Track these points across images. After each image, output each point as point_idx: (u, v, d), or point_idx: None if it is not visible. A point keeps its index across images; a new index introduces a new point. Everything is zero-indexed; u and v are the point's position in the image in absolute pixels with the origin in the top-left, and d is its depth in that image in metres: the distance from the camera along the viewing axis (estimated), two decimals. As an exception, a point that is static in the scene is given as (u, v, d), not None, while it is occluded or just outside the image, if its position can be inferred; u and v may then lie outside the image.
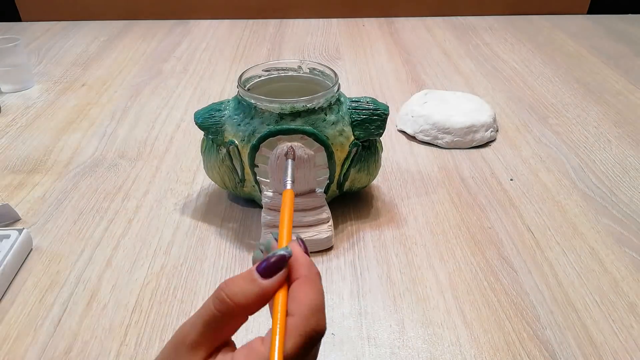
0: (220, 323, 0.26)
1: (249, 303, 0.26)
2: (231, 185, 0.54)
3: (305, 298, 0.26)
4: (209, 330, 0.26)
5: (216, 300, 0.26)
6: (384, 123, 0.51)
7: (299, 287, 0.27)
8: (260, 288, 0.26)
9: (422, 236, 0.53)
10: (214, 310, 0.26)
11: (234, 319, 0.26)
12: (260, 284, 0.26)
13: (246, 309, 0.26)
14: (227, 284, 0.27)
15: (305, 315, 0.26)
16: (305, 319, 0.26)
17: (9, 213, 0.54)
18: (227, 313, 0.26)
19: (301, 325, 0.25)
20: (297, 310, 0.26)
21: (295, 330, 0.25)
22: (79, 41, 1.09)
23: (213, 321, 0.26)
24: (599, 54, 1.01)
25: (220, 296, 0.26)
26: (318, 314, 0.26)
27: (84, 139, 0.71)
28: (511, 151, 0.68)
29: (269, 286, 0.26)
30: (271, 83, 0.55)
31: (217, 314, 0.26)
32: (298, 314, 0.26)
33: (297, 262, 0.27)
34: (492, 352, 0.41)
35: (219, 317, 0.26)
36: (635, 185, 0.61)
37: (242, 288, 0.26)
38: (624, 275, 0.48)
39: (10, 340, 0.42)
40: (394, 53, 1.02)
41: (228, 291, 0.26)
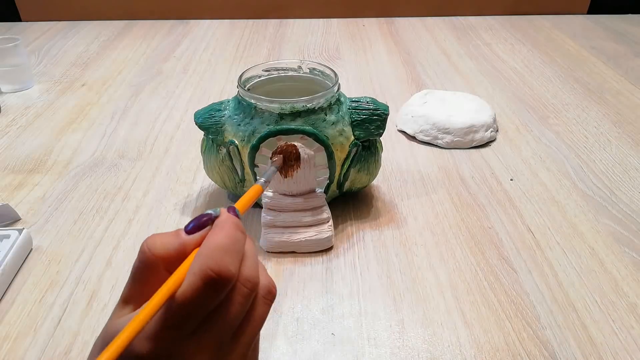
0: (143, 275, 0.27)
1: (167, 255, 0.26)
2: (231, 185, 0.54)
3: (208, 241, 0.26)
4: (134, 283, 0.27)
5: (139, 253, 0.27)
6: (384, 123, 0.51)
7: (209, 233, 0.27)
8: (180, 241, 0.27)
9: (422, 236, 0.53)
10: (137, 262, 0.27)
11: (154, 271, 0.26)
12: (181, 237, 0.27)
13: (167, 261, 0.26)
14: (151, 237, 0.27)
15: (202, 254, 0.25)
16: (203, 258, 0.25)
17: (9, 213, 0.54)
18: (147, 263, 0.26)
19: (195, 265, 0.25)
20: (198, 253, 0.26)
21: (190, 270, 0.25)
22: (79, 41, 1.09)
23: (137, 273, 0.27)
24: (599, 54, 1.01)
25: (142, 248, 0.27)
26: (218, 254, 0.25)
27: (84, 139, 0.71)
28: (511, 151, 0.68)
29: (189, 240, 0.27)
30: (271, 83, 0.55)
31: (139, 264, 0.27)
32: (197, 255, 0.25)
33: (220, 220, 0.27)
34: (492, 352, 0.41)
35: (140, 268, 0.27)
36: (635, 185, 0.61)
37: (162, 240, 0.27)
38: (624, 275, 0.48)
39: (10, 340, 0.42)
40: (394, 53, 1.02)
41: (149, 242, 0.27)
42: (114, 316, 0.27)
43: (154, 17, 1.23)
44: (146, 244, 0.27)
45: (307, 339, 0.42)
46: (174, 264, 0.26)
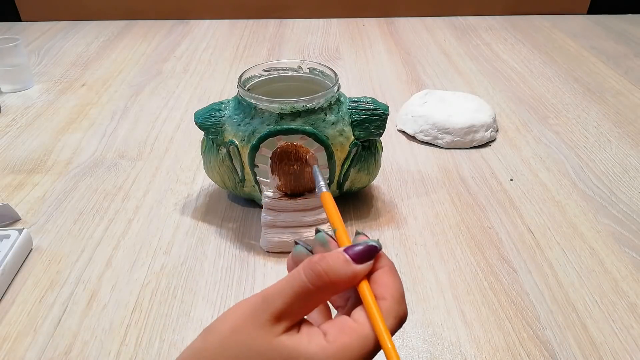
0: (311, 296, 0.26)
1: (340, 282, 0.27)
2: (231, 185, 0.54)
3: (395, 284, 0.27)
4: (298, 301, 0.26)
5: (311, 273, 0.26)
6: (384, 123, 0.51)
7: (386, 274, 0.28)
8: (353, 271, 0.27)
9: (422, 236, 0.53)
10: (307, 283, 0.26)
11: (322, 295, 0.27)
12: (353, 267, 0.27)
13: (337, 287, 0.27)
14: (321, 259, 0.27)
15: (397, 300, 0.27)
16: (398, 303, 0.27)
17: (9, 213, 0.54)
18: (321, 287, 0.26)
19: (394, 308, 0.27)
20: (389, 295, 0.27)
21: (390, 312, 0.26)
22: (79, 41, 1.09)
23: (304, 292, 0.26)
24: (599, 54, 1.01)
25: (316, 269, 0.26)
26: (403, 300, 0.27)
27: (84, 139, 0.71)
28: (511, 151, 0.68)
29: (360, 271, 0.27)
30: (271, 83, 0.55)
31: (311, 287, 0.26)
32: (391, 298, 0.27)
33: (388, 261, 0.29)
34: (492, 352, 0.41)
35: (311, 290, 0.26)
36: (635, 185, 0.61)
37: (338, 266, 0.27)
38: (624, 275, 0.48)
39: (10, 340, 0.42)
40: (394, 53, 1.02)
41: (325, 265, 0.27)
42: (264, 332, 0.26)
43: (154, 17, 1.23)
44: (322, 267, 0.27)
45: None
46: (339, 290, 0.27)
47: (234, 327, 0.26)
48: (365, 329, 0.26)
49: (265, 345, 0.25)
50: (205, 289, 0.47)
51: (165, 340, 0.42)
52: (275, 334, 0.26)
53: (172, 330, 0.43)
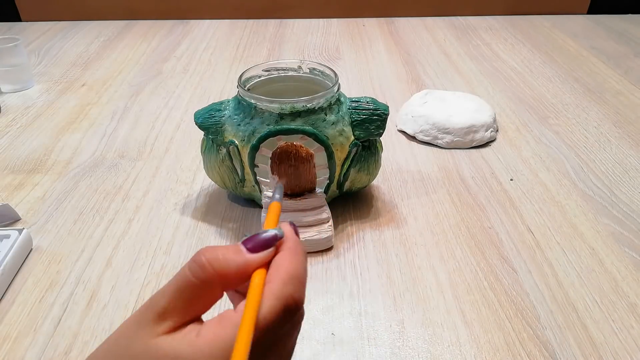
0: (195, 291, 0.24)
1: (229, 273, 0.24)
2: (231, 185, 0.54)
3: (286, 265, 0.25)
4: (181, 298, 0.24)
5: (194, 265, 0.24)
6: (384, 123, 0.51)
7: (282, 256, 0.26)
8: (244, 259, 0.25)
9: (422, 236, 0.53)
10: (189, 276, 0.24)
11: (210, 290, 0.24)
12: (245, 255, 0.25)
13: (225, 279, 0.24)
14: (208, 249, 0.25)
15: (283, 280, 0.24)
16: (283, 284, 0.24)
17: (9, 213, 0.54)
18: (205, 280, 0.24)
19: (277, 289, 0.24)
20: (276, 277, 0.25)
21: (271, 294, 0.24)
22: (79, 41, 1.09)
23: (187, 288, 0.24)
24: (599, 54, 1.01)
25: (199, 261, 0.24)
26: (296, 282, 0.25)
27: (84, 139, 0.71)
28: (511, 151, 0.68)
29: (253, 260, 0.25)
30: (271, 83, 0.55)
31: (193, 280, 0.24)
32: (276, 280, 0.24)
33: (285, 238, 0.27)
34: (492, 352, 0.41)
35: (194, 284, 0.24)
36: (635, 185, 0.61)
37: (225, 256, 0.25)
38: (624, 275, 0.48)
39: (10, 340, 0.42)
40: (394, 53, 1.02)
41: (210, 258, 0.24)
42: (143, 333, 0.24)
43: (154, 17, 1.23)
44: (206, 258, 0.24)
45: (307, 339, 0.42)
46: (231, 282, 0.25)
47: (119, 330, 0.24)
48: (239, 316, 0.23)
49: (141, 347, 0.23)
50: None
51: (165, 340, 0.42)
52: (154, 335, 0.23)
53: (172, 330, 0.43)
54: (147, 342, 0.23)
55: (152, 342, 0.23)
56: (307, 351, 0.41)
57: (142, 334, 0.23)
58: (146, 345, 0.23)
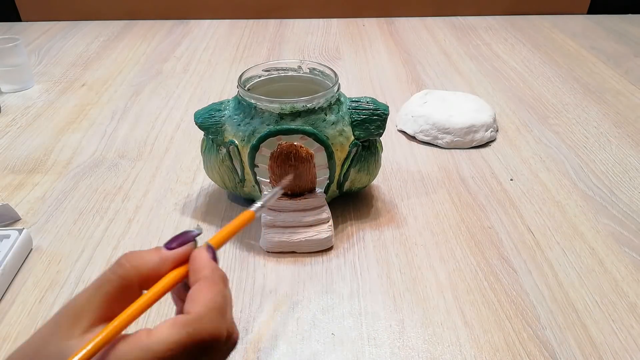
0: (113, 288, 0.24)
1: (146, 269, 0.25)
2: (231, 185, 0.54)
3: (203, 298, 0.25)
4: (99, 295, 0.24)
5: (114, 265, 0.25)
6: (384, 123, 0.51)
7: (199, 287, 0.25)
8: (160, 256, 0.26)
9: (422, 236, 0.53)
10: (108, 274, 0.25)
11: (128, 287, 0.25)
12: (161, 252, 0.26)
13: (142, 276, 0.25)
14: (129, 252, 0.26)
15: (199, 314, 0.24)
16: (198, 318, 0.24)
17: (9, 213, 0.54)
18: (122, 276, 0.25)
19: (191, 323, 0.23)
20: (193, 309, 0.24)
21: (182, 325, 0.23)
22: (79, 41, 1.09)
23: (105, 284, 0.25)
24: (599, 54, 1.01)
25: (119, 261, 0.25)
26: (215, 315, 0.24)
27: (84, 139, 0.71)
28: (511, 151, 0.68)
29: (168, 256, 0.26)
30: (271, 83, 0.55)
31: (111, 276, 0.25)
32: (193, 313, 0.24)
33: (201, 263, 0.26)
34: (492, 352, 0.41)
35: (112, 280, 0.25)
36: (635, 185, 0.61)
37: (142, 254, 0.26)
38: (624, 275, 0.48)
39: (10, 340, 0.42)
40: (394, 53, 1.02)
41: (128, 256, 0.26)
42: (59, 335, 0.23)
43: (154, 17, 1.23)
44: (124, 257, 0.25)
45: (307, 339, 0.42)
46: (150, 281, 0.25)
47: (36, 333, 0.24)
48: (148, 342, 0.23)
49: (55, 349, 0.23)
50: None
51: (165, 340, 0.42)
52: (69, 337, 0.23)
53: (172, 330, 0.43)
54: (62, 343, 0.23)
55: (66, 344, 0.23)
56: (307, 351, 0.41)
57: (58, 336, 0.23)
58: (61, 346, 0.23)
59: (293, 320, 0.43)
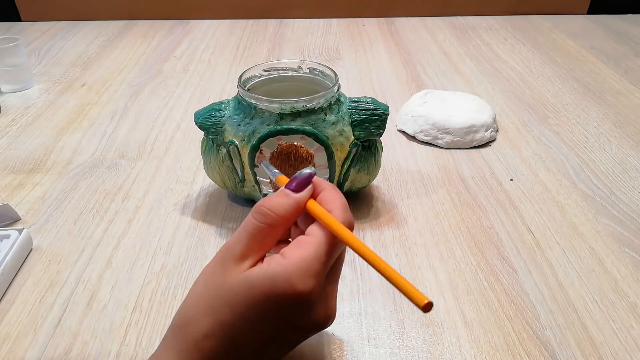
0: (263, 233, 0.30)
1: (287, 213, 0.30)
2: (231, 185, 0.54)
3: (338, 198, 0.32)
4: (253, 241, 0.30)
5: (257, 214, 0.30)
6: (384, 123, 0.51)
7: (328, 192, 0.32)
8: (295, 199, 0.31)
9: (422, 236, 0.53)
10: (256, 223, 0.30)
11: (274, 230, 0.30)
12: (294, 196, 0.31)
13: (285, 219, 0.30)
14: (264, 200, 0.31)
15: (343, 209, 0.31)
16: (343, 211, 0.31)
17: (9, 213, 0.54)
18: (269, 223, 0.30)
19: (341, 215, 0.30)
20: (335, 207, 0.31)
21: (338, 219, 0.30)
22: (79, 41, 1.09)
23: (257, 232, 0.30)
24: (599, 54, 1.01)
25: (261, 210, 0.30)
26: (349, 209, 0.32)
27: (84, 139, 0.71)
28: (511, 151, 0.68)
29: (301, 197, 0.31)
30: (271, 83, 0.55)
31: (261, 224, 0.30)
32: (337, 209, 0.31)
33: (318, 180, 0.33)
34: (492, 352, 0.41)
35: (262, 228, 0.30)
36: (635, 185, 0.61)
37: (279, 201, 0.31)
38: (624, 275, 0.48)
39: (10, 340, 0.42)
40: (394, 53, 1.02)
41: (268, 204, 0.30)
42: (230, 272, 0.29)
43: (154, 17, 1.23)
44: (266, 207, 0.30)
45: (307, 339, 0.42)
46: (290, 220, 0.31)
47: (206, 276, 0.30)
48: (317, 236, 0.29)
49: (233, 281, 0.28)
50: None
51: (165, 340, 0.42)
52: (241, 271, 0.29)
53: (172, 330, 0.43)
54: (236, 277, 0.28)
55: (242, 276, 0.28)
56: (307, 351, 0.41)
57: (230, 273, 0.29)
58: (238, 279, 0.28)
59: (293, 320, 0.43)
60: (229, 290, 0.28)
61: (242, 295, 0.28)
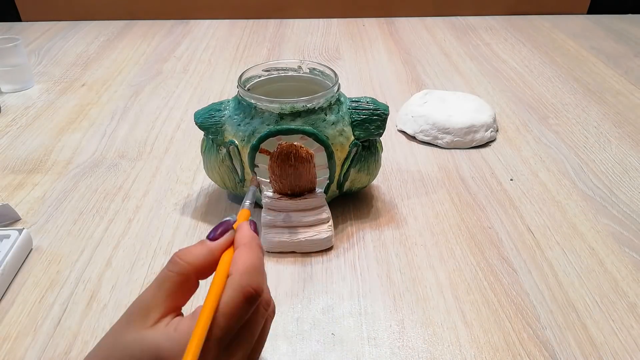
0: (174, 283, 0.28)
1: (199, 262, 0.29)
2: (231, 185, 0.54)
3: (242, 260, 0.29)
4: (162, 291, 0.28)
5: (169, 263, 0.29)
6: (384, 123, 0.51)
7: (239, 252, 0.30)
8: (208, 247, 0.30)
9: (422, 236, 0.53)
10: (166, 272, 0.29)
11: (186, 281, 0.29)
12: (207, 244, 0.30)
13: (197, 268, 0.29)
14: (180, 249, 0.30)
15: (240, 272, 0.28)
16: (240, 275, 0.28)
17: (9, 213, 0.54)
18: (178, 271, 0.28)
19: (237, 280, 0.28)
20: (234, 270, 0.29)
21: (230, 285, 0.28)
22: (79, 41, 1.09)
23: (166, 281, 0.28)
24: (599, 54, 1.01)
25: (172, 258, 0.29)
26: (254, 272, 0.29)
27: (84, 139, 0.71)
28: (511, 151, 0.68)
29: (215, 246, 0.30)
30: (271, 83, 0.55)
31: (170, 273, 0.28)
32: (235, 273, 0.28)
33: (242, 234, 0.31)
34: (492, 352, 0.41)
35: (172, 277, 0.28)
36: (635, 185, 0.61)
37: (192, 250, 0.29)
38: (624, 275, 0.48)
39: (10, 340, 0.42)
40: (394, 53, 1.02)
41: (180, 254, 0.29)
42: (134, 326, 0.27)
43: (154, 17, 1.23)
44: (177, 256, 0.29)
45: (307, 339, 0.42)
46: (204, 271, 0.29)
47: (110, 330, 0.28)
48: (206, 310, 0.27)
49: (132, 337, 0.27)
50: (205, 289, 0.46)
51: (165, 340, 0.42)
52: (142, 327, 0.27)
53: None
54: (136, 333, 0.27)
55: (140, 333, 0.27)
56: (307, 351, 0.41)
57: (132, 327, 0.27)
58: (135, 335, 0.27)
59: (293, 320, 0.43)
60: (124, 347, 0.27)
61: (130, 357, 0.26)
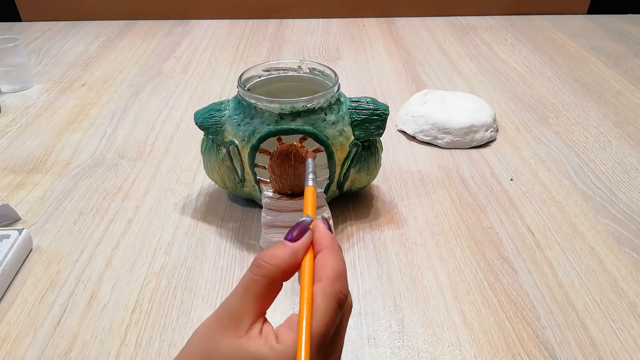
0: (259, 286, 0.28)
1: (284, 263, 0.29)
2: (231, 185, 0.54)
3: (331, 265, 0.29)
4: (250, 296, 0.28)
5: (253, 267, 0.29)
6: (384, 123, 0.51)
7: (324, 256, 0.30)
8: (290, 249, 0.30)
9: (422, 236, 0.53)
10: (252, 275, 0.28)
11: (271, 282, 0.29)
12: (290, 246, 0.30)
13: (281, 269, 0.29)
14: (261, 252, 0.30)
15: (331, 279, 0.29)
16: (332, 282, 0.29)
17: (9, 213, 0.54)
18: (265, 275, 0.28)
19: (330, 287, 0.28)
20: (324, 276, 0.29)
21: (324, 292, 0.28)
22: (79, 41, 1.09)
23: (253, 285, 0.28)
24: (599, 54, 1.01)
25: (256, 262, 0.29)
26: (341, 279, 0.29)
27: (84, 139, 0.71)
28: (511, 151, 0.68)
29: (297, 247, 0.30)
30: (271, 83, 0.55)
31: (256, 276, 0.28)
32: (325, 278, 0.29)
33: (321, 235, 0.31)
34: (492, 352, 0.41)
35: (258, 281, 0.28)
36: (635, 185, 0.61)
37: (275, 252, 0.29)
38: (624, 275, 0.48)
39: (10, 340, 0.42)
40: (394, 53, 1.02)
41: (264, 257, 0.29)
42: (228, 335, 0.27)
43: (154, 17, 1.23)
44: (261, 259, 0.29)
45: None
46: (287, 271, 0.29)
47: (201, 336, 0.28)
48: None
49: (229, 346, 0.27)
50: (205, 289, 0.47)
51: (165, 340, 0.42)
52: (238, 336, 0.27)
53: (172, 330, 0.43)
54: (233, 342, 0.27)
55: (238, 342, 0.27)
56: (307, 351, 0.41)
57: (226, 335, 0.27)
58: (233, 344, 0.27)
59: (293, 320, 0.43)
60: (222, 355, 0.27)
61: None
